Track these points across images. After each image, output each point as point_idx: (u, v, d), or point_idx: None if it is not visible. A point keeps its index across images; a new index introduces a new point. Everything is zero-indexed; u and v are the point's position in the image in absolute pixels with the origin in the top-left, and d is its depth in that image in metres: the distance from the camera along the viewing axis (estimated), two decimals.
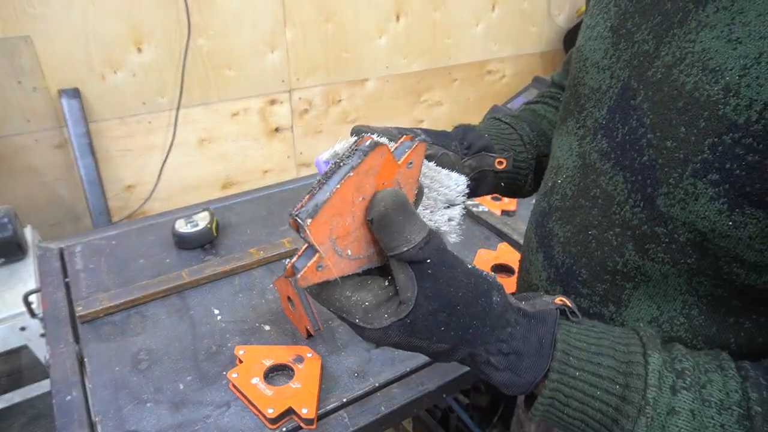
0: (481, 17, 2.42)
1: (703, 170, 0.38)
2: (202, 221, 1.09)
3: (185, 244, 1.07)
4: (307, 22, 1.98)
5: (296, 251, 0.38)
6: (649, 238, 0.44)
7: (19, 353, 1.42)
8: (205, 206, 1.19)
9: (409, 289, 0.36)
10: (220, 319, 0.90)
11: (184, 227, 1.07)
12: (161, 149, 1.89)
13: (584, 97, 0.52)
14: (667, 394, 0.37)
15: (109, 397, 0.75)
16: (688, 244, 0.41)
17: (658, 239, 0.43)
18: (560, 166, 0.55)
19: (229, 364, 0.80)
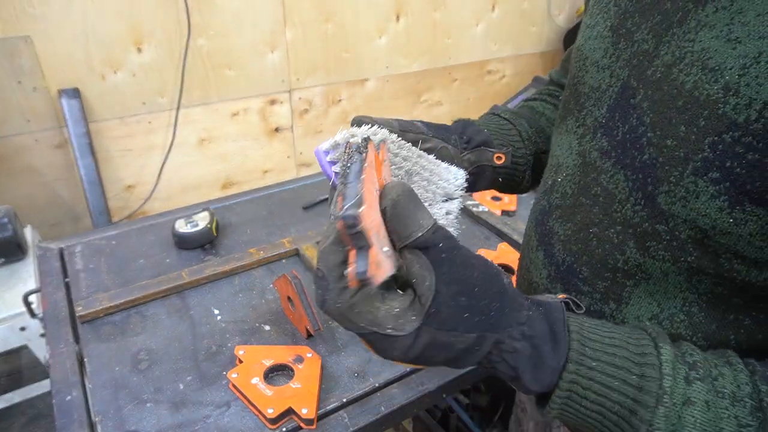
0: (481, 17, 2.42)
1: (703, 168, 0.39)
2: (202, 221, 1.09)
3: (185, 244, 1.07)
4: (307, 22, 1.98)
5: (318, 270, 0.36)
6: (650, 235, 0.44)
7: (19, 353, 1.42)
8: (205, 206, 1.19)
9: (426, 277, 0.36)
10: (220, 319, 0.90)
11: (184, 227, 1.07)
12: (161, 149, 1.89)
13: (584, 95, 0.52)
14: (681, 384, 0.37)
15: (109, 397, 0.75)
16: (688, 241, 0.42)
17: (659, 237, 0.44)
18: (560, 164, 0.55)
19: (229, 364, 0.80)
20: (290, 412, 0.71)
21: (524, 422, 0.76)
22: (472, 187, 0.61)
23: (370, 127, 0.46)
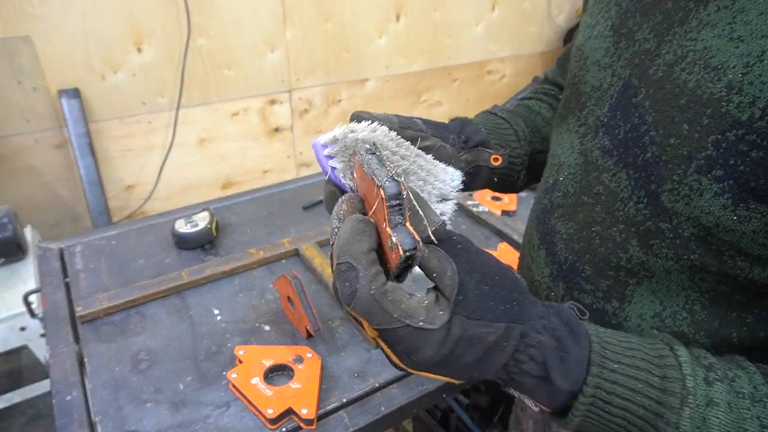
0: (481, 17, 2.42)
1: (707, 166, 0.39)
2: (202, 221, 1.09)
3: (185, 244, 1.07)
4: (307, 22, 1.98)
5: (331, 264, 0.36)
6: (653, 233, 0.44)
7: (19, 353, 1.42)
8: (205, 206, 1.19)
9: (447, 268, 0.36)
10: (220, 319, 0.90)
11: (184, 227, 1.07)
12: (161, 149, 1.89)
13: (585, 95, 0.52)
14: (702, 385, 0.37)
15: (109, 397, 0.75)
16: (692, 239, 0.42)
17: (662, 235, 0.44)
18: (561, 163, 0.55)
19: (229, 364, 0.80)
20: (290, 412, 0.71)
21: (524, 421, 0.76)
22: (467, 186, 0.60)
23: (370, 123, 0.46)
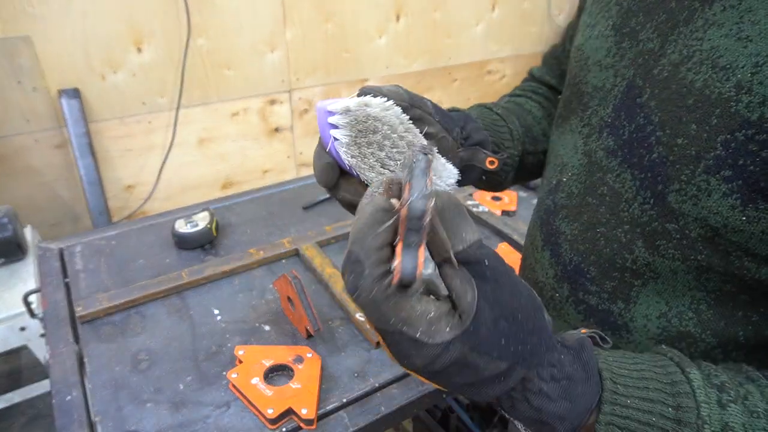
0: (481, 17, 2.42)
1: (715, 167, 0.39)
2: (202, 221, 1.09)
3: (185, 244, 1.07)
4: (307, 22, 1.98)
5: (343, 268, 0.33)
6: (659, 234, 0.44)
7: (19, 353, 1.42)
8: (205, 206, 1.19)
9: (468, 293, 0.33)
10: (219, 319, 0.90)
11: (184, 227, 1.07)
12: (161, 149, 1.89)
13: (587, 95, 0.52)
14: (717, 410, 0.36)
15: (109, 397, 0.75)
16: (699, 239, 0.42)
17: (669, 235, 0.44)
18: (565, 164, 0.55)
19: (228, 364, 0.80)
20: (290, 412, 0.71)
21: None
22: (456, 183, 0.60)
23: (385, 100, 0.44)
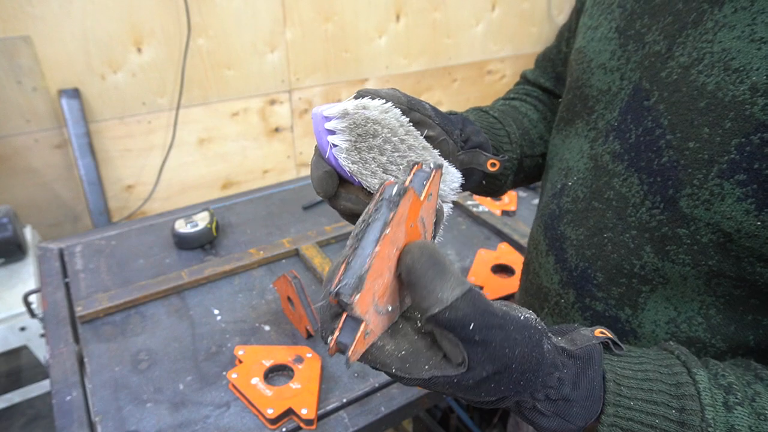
0: (481, 17, 2.41)
1: (729, 170, 0.38)
2: (201, 221, 1.09)
3: (185, 244, 1.07)
4: (306, 22, 1.98)
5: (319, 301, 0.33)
6: (670, 239, 0.43)
7: (19, 353, 1.42)
8: (205, 206, 1.19)
9: (457, 355, 0.32)
10: (219, 319, 0.90)
11: (183, 227, 1.07)
12: (161, 149, 1.89)
13: (592, 98, 0.51)
14: (722, 412, 0.35)
15: (109, 397, 0.75)
16: (710, 245, 0.41)
17: (679, 240, 0.43)
18: (570, 168, 0.54)
19: (228, 364, 0.80)
20: (290, 412, 0.71)
21: (523, 425, 0.76)
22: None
23: (384, 102, 0.43)
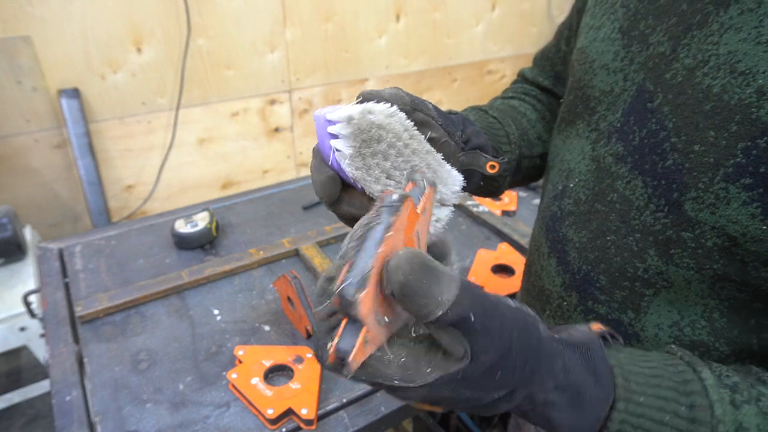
0: (481, 17, 2.41)
1: (735, 174, 0.38)
2: (201, 221, 1.09)
3: (185, 244, 1.07)
4: (306, 22, 1.98)
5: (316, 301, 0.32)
6: (674, 243, 0.43)
7: (18, 353, 1.42)
8: (204, 206, 1.19)
9: (459, 349, 0.31)
10: (219, 319, 0.90)
11: (183, 227, 1.07)
12: (161, 149, 1.89)
13: (594, 99, 0.51)
14: (730, 409, 0.35)
15: (108, 397, 0.75)
16: (715, 249, 0.41)
17: (684, 244, 0.42)
18: (571, 169, 0.54)
19: (228, 364, 0.80)
20: (290, 412, 0.71)
21: (523, 425, 0.76)
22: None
23: (389, 106, 0.42)
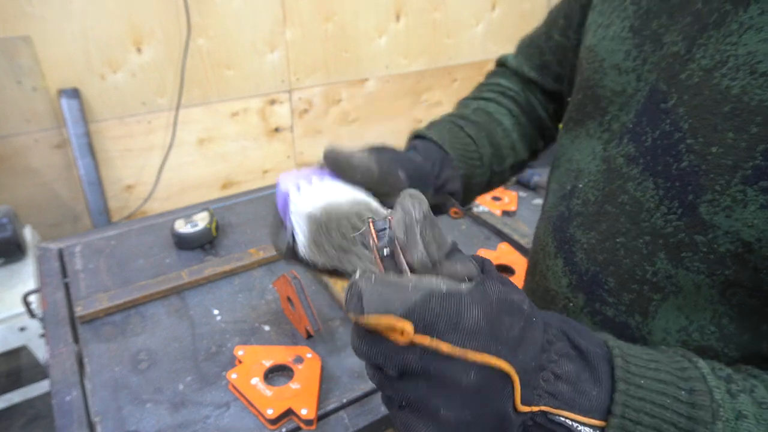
0: (481, 17, 2.41)
1: (754, 176, 0.37)
2: (201, 221, 1.09)
3: (185, 244, 1.07)
4: (306, 22, 1.98)
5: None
6: (686, 246, 0.42)
7: (18, 353, 1.42)
8: (204, 206, 1.19)
9: (471, 268, 0.33)
10: (219, 319, 0.90)
11: (183, 227, 1.07)
12: (161, 149, 1.89)
13: (605, 99, 0.50)
14: (728, 397, 0.34)
15: (108, 397, 0.75)
16: (727, 254, 0.40)
17: (695, 248, 0.42)
18: (580, 169, 0.53)
19: (228, 364, 0.80)
20: (290, 412, 0.71)
21: None
22: None
23: (353, 190, 0.45)
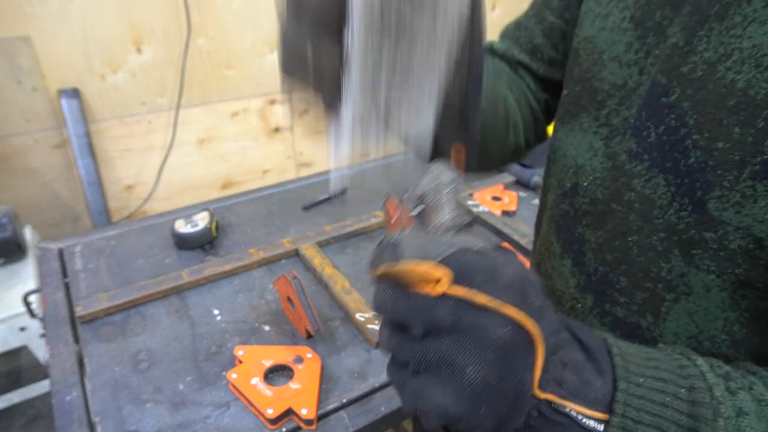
0: None
1: (763, 171, 0.36)
2: (201, 221, 1.09)
3: (185, 244, 1.07)
4: None
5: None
6: (696, 243, 0.42)
7: (18, 353, 1.42)
8: (204, 206, 1.19)
9: (478, 242, 0.35)
10: (219, 319, 0.90)
11: (183, 227, 1.07)
12: (161, 149, 1.89)
13: (603, 92, 0.49)
14: (728, 395, 0.34)
15: (108, 397, 0.75)
16: (738, 251, 0.39)
17: (705, 245, 0.41)
18: (579, 166, 0.52)
19: (228, 364, 0.80)
20: (290, 412, 0.71)
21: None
22: None
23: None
